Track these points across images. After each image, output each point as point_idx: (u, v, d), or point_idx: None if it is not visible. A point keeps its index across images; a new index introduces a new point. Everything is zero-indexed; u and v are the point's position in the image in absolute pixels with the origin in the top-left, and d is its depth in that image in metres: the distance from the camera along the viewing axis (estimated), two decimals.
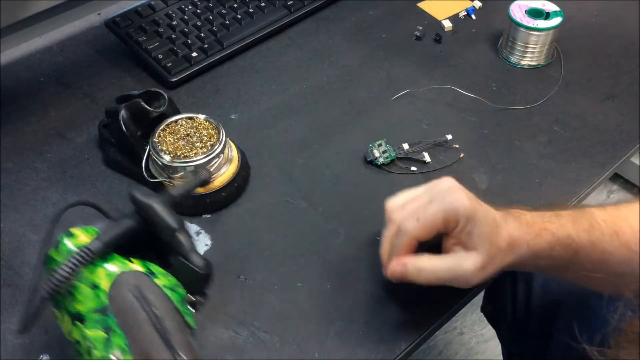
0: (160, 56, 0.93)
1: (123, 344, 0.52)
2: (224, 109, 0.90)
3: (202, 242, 0.75)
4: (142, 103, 0.75)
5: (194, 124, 0.78)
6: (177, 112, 0.80)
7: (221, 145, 0.76)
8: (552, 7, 0.94)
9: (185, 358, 0.52)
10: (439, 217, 0.61)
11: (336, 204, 0.79)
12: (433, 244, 0.66)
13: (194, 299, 0.60)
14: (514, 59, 0.96)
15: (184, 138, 0.76)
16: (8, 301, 0.69)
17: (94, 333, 0.53)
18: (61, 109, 0.90)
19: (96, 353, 0.53)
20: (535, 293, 0.86)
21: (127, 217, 0.59)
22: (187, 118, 0.78)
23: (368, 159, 0.82)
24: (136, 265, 0.56)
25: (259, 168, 0.82)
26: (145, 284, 0.55)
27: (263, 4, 1.01)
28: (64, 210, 0.59)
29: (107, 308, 0.53)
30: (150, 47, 0.94)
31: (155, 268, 0.58)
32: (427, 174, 0.81)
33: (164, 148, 0.75)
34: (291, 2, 1.01)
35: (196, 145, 0.76)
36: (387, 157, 0.82)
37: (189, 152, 0.75)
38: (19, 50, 0.98)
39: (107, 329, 0.53)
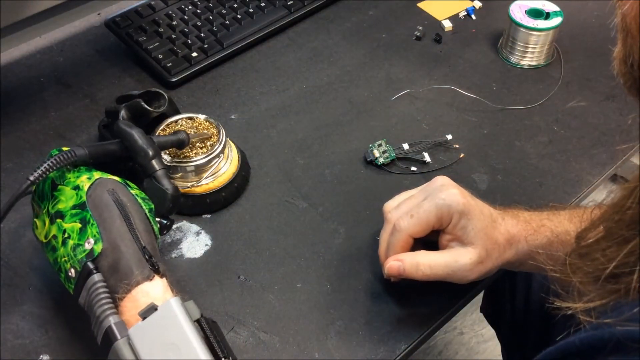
0: (160, 56, 0.93)
1: (97, 233, 0.58)
2: (224, 109, 0.90)
3: (202, 242, 0.75)
4: (142, 103, 0.75)
5: (194, 124, 0.78)
6: (177, 112, 0.80)
7: (221, 145, 0.76)
8: (552, 7, 0.94)
9: (148, 249, 0.57)
10: (432, 213, 0.62)
11: (336, 204, 0.79)
12: (432, 245, 0.66)
13: (163, 222, 0.66)
14: (514, 59, 0.96)
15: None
16: (8, 301, 0.69)
17: (71, 225, 0.59)
18: (61, 109, 0.90)
19: (71, 242, 0.58)
20: (535, 293, 0.87)
21: (112, 143, 0.67)
22: (187, 118, 0.78)
23: (368, 159, 0.82)
24: (114, 177, 0.63)
25: (259, 168, 0.82)
26: (120, 189, 0.61)
27: (263, 4, 1.01)
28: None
29: (85, 204, 0.59)
30: (150, 47, 0.94)
31: (131, 183, 0.64)
32: (427, 174, 0.81)
33: None
34: (291, 2, 1.01)
35: (196, 145, 0.76)
36: (387, 157, 0.82)
37: (189, 152, 0.75)
38: (19, 50, 0.98)
39: (83, 221, 0.59)
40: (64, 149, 0.62)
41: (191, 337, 0.51)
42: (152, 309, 0.53)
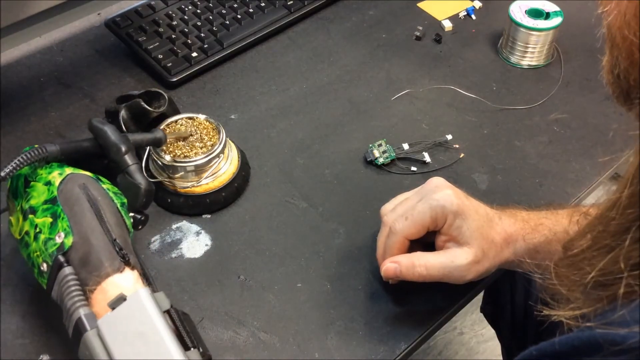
0: (160, 56, 0.93)
1: (67, 227, 0.58)
2: (224, 109, 0.90)
3: (202, 242, 0.75)
4: (142, 103, 0.75)
5: (194, 124, 0.78)
6: (177, 112, 0.80)
7: (221, 145, 0.76)
8: (552, 7, 0.94)
9: (119, 241, 0.58)
10: (426, 214, 0.63)
11: (336, 204, 0.79)
12: (432, 246, 0.66)
13: (138, 217, 0.66)
14: (514, 59, 0.96)
15: (184, 138, 0.76)
16: (8, 301, 0.69)
17: (42, 220, 0.59)
18: (61, 109, 0.90)
19: (42, 237, 0.59)
20: (535, 293, 0.86)
21: (85, 140, 0.67)
22: (187, 118, 0.78)
23: (368, 159, 0.82)
24: (86, 172, 0.63)
25: (259, 168, 0.82)
26: (91, 184, 0.62)
27: (263, 4, 1.01)
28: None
29: (55, 198, 0.60)
30: (150, 47, 0.94)
31: (103, 178, 0.64)
32: (427, 174, 0.81)
33: (164, 148, 0.75)
34: (291, 2, 1.01)
35: (196, 145, 0.76)
36: (387, 157, 0.82)
37: (189, 152, 0.75)
38: (19, 50, 0.98)
39: (54, 215, 0.59)
40: (36, 146, 0.63)
41: (159, 326, 0.51)
42: (121, 299, 0.53)
